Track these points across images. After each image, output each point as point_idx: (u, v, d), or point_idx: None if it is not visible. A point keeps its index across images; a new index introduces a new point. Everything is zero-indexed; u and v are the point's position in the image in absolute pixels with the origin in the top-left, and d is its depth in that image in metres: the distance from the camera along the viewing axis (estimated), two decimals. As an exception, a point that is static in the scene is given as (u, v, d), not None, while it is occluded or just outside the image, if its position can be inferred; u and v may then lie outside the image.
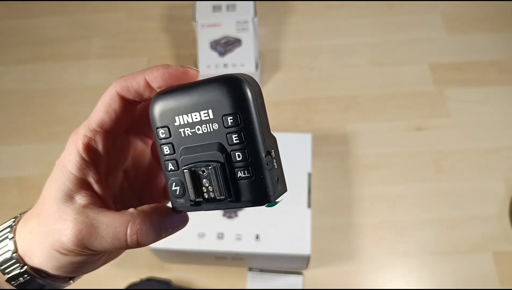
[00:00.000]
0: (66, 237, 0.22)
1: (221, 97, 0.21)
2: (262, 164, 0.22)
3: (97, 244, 0.22)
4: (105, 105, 0.24)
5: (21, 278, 0.24)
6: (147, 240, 0.23)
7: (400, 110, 0.83)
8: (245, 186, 0.22)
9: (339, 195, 0.76)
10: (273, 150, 0.23)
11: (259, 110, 0.22)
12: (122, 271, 0.70)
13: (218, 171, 0.22)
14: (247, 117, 0.21)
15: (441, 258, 0.70)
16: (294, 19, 0.94)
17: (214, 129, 0.22)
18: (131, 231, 0.22)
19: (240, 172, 0.22)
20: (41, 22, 0.95)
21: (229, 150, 0.22)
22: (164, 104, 0.23)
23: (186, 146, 0.23)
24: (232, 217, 0.63)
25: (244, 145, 0.21)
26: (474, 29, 0.91)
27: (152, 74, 0.22)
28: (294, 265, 0.67)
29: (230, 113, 0.21)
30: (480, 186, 0.76)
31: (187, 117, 0.22)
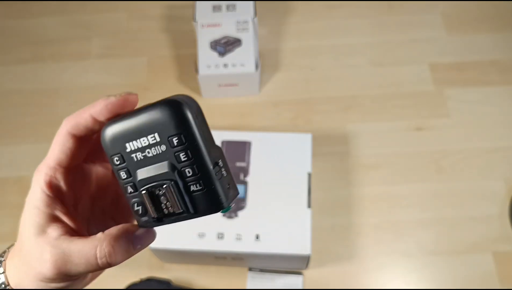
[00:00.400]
0: (45, 269, 0.24)
1: (164, 121, 0.23)
2: (211, 175, 0.23)
3: (74, 270, 0.24)
4: (59, 145, 0.26)
5: None
6: (116, 260, 0.25)
7: (400, 110, 0.83)
8: (199, 197, 0.24)
9: (339, 195, 0.76)
10: (220, 160, 0.24)
11: (200, 127, 0.23)
12: (122, 271, 0.70)
13: (173, 189, 0.24)
14: (190, 136, 0.23)
15: (441, 258, 0.70)
16: (294, 19, 0.94)
17: (163, 150, 0.23)
18: (100, 254, 0.24)
19: (193, 186, 0.23)
20: (41, 22, 0.95)
21: (179, 168, 0.23)
22: (113, 133, 0.24)
23: (140, 169, 0.24)
24: (232, 217, 0.63)
25: (192, 161, 0.23)
26: (474, 29, 0.91)
27: (96, 109, 0.24)
28: (294, 265, 0.67)
29: (174, 134, 0.23)
30: (480, 186, 0.76)
31: (136, 143, 0.24)
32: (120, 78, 0.88)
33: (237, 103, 0.85)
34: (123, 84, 0.87)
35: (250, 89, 0.84)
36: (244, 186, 0.66)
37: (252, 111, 0.84)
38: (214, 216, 0.65)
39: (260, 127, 0.82)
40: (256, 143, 0.69)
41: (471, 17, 0.93)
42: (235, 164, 0.67)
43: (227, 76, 0.79)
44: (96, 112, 0.24)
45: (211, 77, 0.79)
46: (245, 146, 0.69)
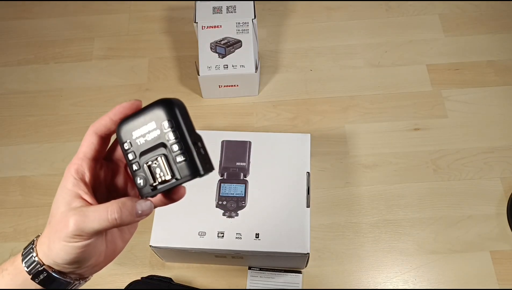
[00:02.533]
0: (68, 228, 0.31)
1: (158, 112, 0.32)
2: (191, 149, 0.31)
3: (89, 227, 0.31)
4: (86, 141, 0.34)
5: (41, 275, 0.33)
6: (123, 218, 0.32)
7: (398, 110, 0.84)
8: (182, 166, 0.31)
9: (337, 194, 0.76)
10: (199, 142, 0.32)
11: (184, 117, 0.32)
12: (123, 269, 0.71)
13: (163, 160, 0.32)
14: (176, 122, 0.31)
15: (438, 257, 0.71)
16: (294, 20, 0.95)
17: (158, 134, 0.32)
18: (111, 213, 0.31)
19: (178, 157, 0.31)
20: (43, 23, 0.96)
21: (168, 145, 0.31)
22: (124, 126, 0.33)
23: (142, 150, 0.33)
24: (232, 216, 0.64)
25: (177, 140, 0.31)
26: (471, 30, 0.92)
27: (113, 112, 0.34)
28: (294, 263, 0.68)
29: (164, 120, 0.31)
30: (477, 185, 0.76)
31: (139, 130, 0.33)
32: (121, 79, 0.89)
33: (237, 104, 0.85)
34: (124, 85, 0.88)
35: (250, 89, 0.85)
36: (244, 185, 0.66)
37: (252, 112, 0.85)
38: (214, 215, 0.66)
39: (260, 127, 0.83)
40: (256, 143, 0.70)
41: (469, 18, 0.93)
42: (235, 164, 0.68)
43: (227, 77, 0.80)
44: (112, 114, 0.34)
45: (211, 78, 0.80)
46: (245, 146, 0.69)
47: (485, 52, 0.89)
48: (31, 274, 0.33)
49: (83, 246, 0.32)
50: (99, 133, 0.34)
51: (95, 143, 0.34)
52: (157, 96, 0.32)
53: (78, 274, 0.35)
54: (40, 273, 0.33)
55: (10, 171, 0.80)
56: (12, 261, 0.35)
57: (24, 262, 0.34)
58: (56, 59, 0.92)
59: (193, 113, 0.33)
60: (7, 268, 0.35)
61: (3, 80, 0.90)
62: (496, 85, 0.86)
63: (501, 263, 0.70)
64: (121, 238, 0.37)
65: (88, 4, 0.98)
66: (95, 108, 0.86)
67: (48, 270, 0.33)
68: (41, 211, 0.76)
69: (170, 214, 0.64)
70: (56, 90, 0.88)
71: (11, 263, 0.35)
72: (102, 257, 0.35)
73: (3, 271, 0.35)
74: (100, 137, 0.34)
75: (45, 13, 0.97)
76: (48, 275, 0.33)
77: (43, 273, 0.33)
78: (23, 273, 0.34)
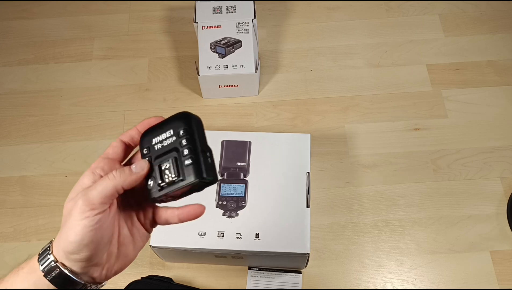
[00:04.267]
0: (77, 204, 0.33)
1: (178, 122, 0.35)
2: (199, 155, 0.34)
3: (94, 194, 0.33)
4: (112, 144, 0.38)
5: (53, 272, 0.34)
6: (122, 176, 0.34)
7: (398, 110, 0.84)
8: (189, 168, 0.34)
9: (337, 194, 0.76)
10: (209, 153, 0.35)
11: (198, 129, 0.35)
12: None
13: (173, 161, 0.35)
14: (191, 130, 0.35)
15: (438, 257, 0.71)
16: (293, 20, 0.95)
17: (173, 140, 0.35)
18: (110, 175, 0.34)
19: (186, 161, 0.34)
20: (43, 23, 0.96)
21: (180, 150, 0.34)
22: (146, 136, 0.37)
23: (157, 154, 0.36)
24: (232, 216, 0.64)
25: (189, 145, 0.34)
26: (471, 30, 0.92)
27: (140, 124, 0.38)
28: (294, 263, 0.68)
29: (182, 128, 0.35)
30: (477, 185, 0.76)
31: (159, 137, 0.36)
32: (121, 79, 0.89)
33: (237, 104, 0.85)
34: (124, 85, 0.88)
35: (250, 89, 0.85)
36: (244, 185, 0.66)
37: (252, 112, 0.85)
38: (214, 215, 0.66)
39: (260, 127, 0.83)
40: (256, 143, 0.70)
41: (469, 18, 0.93)
42: (235, 164, 0.68)
43: (227, 77, 0.80)
44: (140, 126, 0.38)
45: (211, 78, 0.80)
46: (245, 146, 0.69)
47: (485, 52, 0.89)
48: (44, 272, 0.34)
49: (92, 221, 0.33)
50: (123, 140, 0.38)
51: (118, 147, 0.37)
52: (157, 97, 0.35)
53: (90, 276, 0.36)
54: (53, 269, 0.34)
55: (10, 171, 0.80)
56: (29, 260, 0.36)
57: (39, 261, 0.35)
58: (56, 59, 0.92)
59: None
60: (23, 267, 0.36)
61: (3, 80, 0.90)
62: (496, 85, 0.86)
63: (501, 263, 0.70)
64: (133, 244, 0.38)
65: (88, 4, 0.98)
66: (95, 108, 0.86)
67: (60, 267, 0.34)
68: (41, 211, 0.76)
69: (170, 214, 0.64)
70: (56, 90, 0.88)
71: (28, 262, 0.36)
72: (113, 259, 0.36)
73: (20, 270, 0.36)
74: (123, 143, 0.38)
75: (45, 13, 0.97)
76: (60, 272, 0.34)
77: (55, 270, 0.34)
78: (37, 272, 0.35)
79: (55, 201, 0.77)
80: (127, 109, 0.85)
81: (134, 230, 0.38)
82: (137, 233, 0.38)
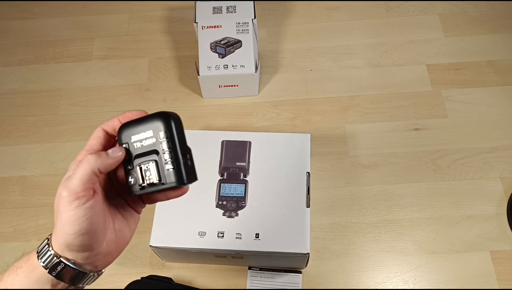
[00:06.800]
0: (62, 195, 0.33)
1: (157, 123, 0.35)
2: (180, 161, 0.35)
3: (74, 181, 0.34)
4: (94, 136, 0.38)
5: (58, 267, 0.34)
6: (100, 158, 0.35)
7: (398, 110, 0.84)
8: (170, 173, 0.35)
9: (337, 194, 0.76)
10: (188, 154, 0.36)
11: (178, 131, 0.35)
12: (123, 269, 0.71)
13: (154, 165, 0.35)
14: (171, 134, 0.35)
15: (438, 257, 0.71)
16: (294, 20, 0.95)
17: (153, 142, 0.36)
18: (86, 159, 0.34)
19: (167, 165, 0.35)
20: (43, 23, 0.96)
21: (160, 153, 0.35)
22: (125, 130, 0.37)
23: (137, 153, 0.36)
24: (232, 216, 0.64)
25: (170, 150, 0.35)
26: (471, 30, 0.92)
27: (121, 115, 0.38)
28: (294, 263, 0.68)
29: (162, 131, 0.35)
30: (477, 185, 0.76)
31: (138, 136, 0.36)
32: (121, 79, 0.89)
33: (237, 104, 0.85)
34: (124, 85, 0.88)
35: (250, 89, 0.85)
36: (244, 185, 0.66)
37: (252, 112, 0.85)
38: (214, 215, 0.66)
39: (260, 127, 0.83)
40: (256, 143, 0.70)
41: (469, 18, 0.93)
42: (235, 164, 0.68)
43: (227, 77, 0.80)
44: (121, 117, 0.38)
45: (211, 78, 0.80)
46: (245, 146, 0.69)
47: (485, 52, 0.89)
48: (48, 268, 0.34)
49: (83, 210, 0.33)
50: (105, 128, 0.38)
51: (101, 137, 0.37)
52: (157, 96, 0.34)
53: (93, 265, 0.36)
54: (57, 265, 0.34)
55: (10, 171, 0.80)
56: (27, 259, 0.36)
57: (40, 258, 0.35)
58: (56, 59, 0.92)
59: (193, 113, 0.34)
60: (21, 266, 0.36)
61: (3, 80, 0.90)
62: (496, 85, 0.86)
63: (501, 263, 0.70)
64: (128, 227, 0.39)
65: (88, 4, 0.98)
66: (95, 108, 0.86)
67: (65, 261, 0.34)
68: (41, 211, 0.76)
69: (170, 214, 0.64)
70: (56, 90, 0.88)
71: (25, 261, 0.36)
72: (113, 244, 0.37)
73: (18, 269, 0.36)
74: (106, 133, 0.38)
75: (45, 13, 0.97)
76: (65, 266, 0.34)
77: (60, 265, 0.34)
78: (38, 269, 0.35)
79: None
80: (127, 109, 0.85)
81: (127, 214, 0.39)
82: (130, 216, 0.39)
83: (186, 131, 0.37)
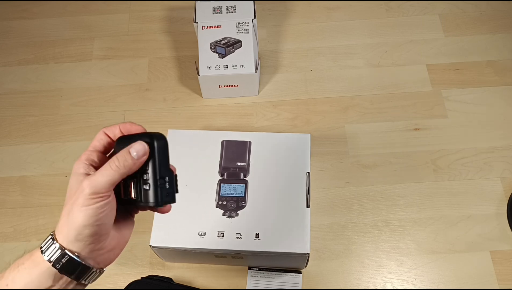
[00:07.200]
0: (84, 190, 0.35)
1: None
2: (156, 183, 0.37)
3: (102, 182, 0.35)
4: (97, 137, 0.39)
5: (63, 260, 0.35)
6: (124, 163, 0.36)
7: (398, 110, 0.84)
8: (146, 194, 0.37)
9: (337, 194, 0.76)
10: (167, 177, 0.37)
11: (160, 154, 0.37)
12: (123, 269, 0.71)
13: (134, 184, 0.38)
14: (152, 156, 0.37)
15: (438, 257, 0.71)
16: (294, 20, 0.95)
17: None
18: (112, 164, 0.36)
19: (145, 186, 0.37)
20: (43, 23, 0.96)
21: (142, 173, 0.37)
22: (121, 143, 0.38)
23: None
24: (232, 216, 0.64)
25: (147, 172, 0.37)
26: (471, 30, 0.92)
27: (123, 125, 0.39)
28: (294, 263, 0.68)
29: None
30: (477, 185, 0.76)
31: None
32: (121, 79, 0.89)
33: (237, 104, 0.85)
34: (124, 85, 0.88)
35: (250, 89, 0.85)
36: (244, 185, 0.66)
37: (252, 112, 0.85)
38: (214, 215, 0.66)
39: (260, 127, 0.83)
40: (256, 143, 0.70)
41: (469, 18, 0.93)
42: (235, 164, 0.68)
43: (227, 77, 0.80)
44: (122, 126, 0.39)
45: (211, 78, 0.80)
46: (245, 146, 0.69)
47: (485, 52, 0.89)
48: (52, 261, 0.35)
49: (102, 206, 0.35)
50: (108, 133, 0.39)
51: (103, 139, 0.39)
52: (157, 96, 0.35)
53: (95, 260, 0.37)
54: (61, 257, 0.35)
55: (10, 171, 0.80)
56: (29, 255, 0.36)
57: (43, 252, 0.35)
58: (56, 59, 0.92)
59: (193, 113, 0.34)
60: (23, 263, 0.36)
61: (3, 80, 0.90)
62: (496, 85, 0.86)
63: (501, 263, 0.70)
64: (126, 226, 0.40)
65: (88, 4, 0.98)
66: (95, 108, 0.86)
67: (69, 254, 0.35)
68: (41, 211, 0.76)
69: (170, 214, 0.64)
70: (56, 90, 0.88)
71: (28, 257, 0.36)
72: (115, 241, 0.38)
73: (20, 265, 0.36)
74: (107, 137, 0.39)
75: (45, 13, 0.97)
76: (69, 259, 0.35)
77: (64, 257, 0.35)
78: (41, 265, 0.35)
79: (55, 201, 0.77)
80: (127, 109, 0.85)
81: (124, 214, 0.40)
82: (126, 217, 0.40)
83: (186, 131, 0.37)
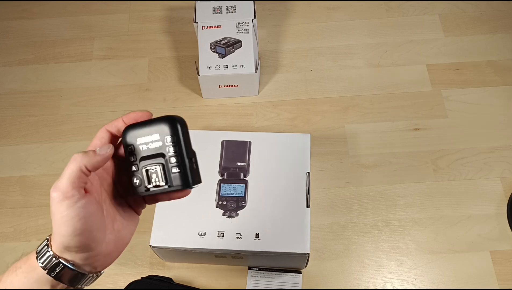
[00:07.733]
0: (52, 196, 0.33)
1: (164, 127, 0.36)
2: (186, 165, 0.36)
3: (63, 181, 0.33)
4: (97, 136, 0.38)
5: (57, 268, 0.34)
6: (87, 158, 0.34)
7: (398, 110, 0.84)
8: (176, 177, 0.36)
9: (337, 194, 0.76)
10: (193, 158, 0.37)
11: (184, 135, 0.36)
12: (123, 269, 0.71)
13: (161, 169, 0.36)
14: (177, 138, 0.36)
15: (438, 257, 0.71)
16: (294, 20, 0.95)
17: (160, 145, 0.36)
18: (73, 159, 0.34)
19: (174, 169, 0.36)
20: (43, 23, 0.96)
21: (167, 157, 0.36)
22: (130, 132, 0.37)
23: (143, 156, 0.37)
24: (232, 216, 0.64)
25: (176, 154, 0.36)
26: (471, 30, 0.92)
27: (126, 116, 0.38)
28: (294, 263, 0.68)
29: (168, 135, 0.36)
30: (477, 185, 0.76)
31: (144, 139, 0.37)
32: (121, 79, 0.89)
33: (237, 104, 0.85)
34: (124, 85, 0.88)
35: (250, 89, 0.85)
36: (244, 185, 0.66)
37: (252, 112, 0.85)
38: (214, 215, 0.66)
39: (260, 127, 0.83)
40: (256, 143, 0.70)
41: (469, 18, 0.93)
42: (235, 164, 0.68)
43: (227, 77, 0.80)
44: (126, 118, 0.37)
45: (211, 78, 0.80)
46: (245, 146, 0.69)
47: (485, 52, 0.89)
48: (47, 269, 0.34)
49: (75, 210, 0.33)
50: (109, 129, 0.38)
51: (105, 138, 0.37)
52: (157, 96, 0.34)
53: (91, 265, 0.36)
54: (56, 266, 0.34)
55: (10, 171, 0.80)
56: (26, 259, 0.36)
57: (39, 259, 0.35)
58: (56, 59, 0.92)
59: (193, 113, 0.34)
60: (21, 267, 0.35)
61: (3, 80, 0.90)
62: (496, 85, 0.86)
63: (501, 263, 0.70)
64: (128, 229, 0.39)
65: (88, 4, 0.98)
66: (95, 108, 0.86)
67: (64, 262, 0.34)
68: (41, 211, 0.76)
69: (170, 214, 0.64)
70: (56, 90, 0.88)
71: (25, 261, 0.36)
72: (112, 246, 0.37)
73: (17, 269, 0.35)
74: (110, 134, 0.38)
75: (45, 13, 0.97)
76: (64, 267, 0.34)
77: (59, 266, 0.34)
78: (38, 270, 0.35)
79: (55, 201, 0.77)
80: (127, 109, 0.85)
81: (127, 216, 0.39)
82: (130, 218, 0.39)
83: None
